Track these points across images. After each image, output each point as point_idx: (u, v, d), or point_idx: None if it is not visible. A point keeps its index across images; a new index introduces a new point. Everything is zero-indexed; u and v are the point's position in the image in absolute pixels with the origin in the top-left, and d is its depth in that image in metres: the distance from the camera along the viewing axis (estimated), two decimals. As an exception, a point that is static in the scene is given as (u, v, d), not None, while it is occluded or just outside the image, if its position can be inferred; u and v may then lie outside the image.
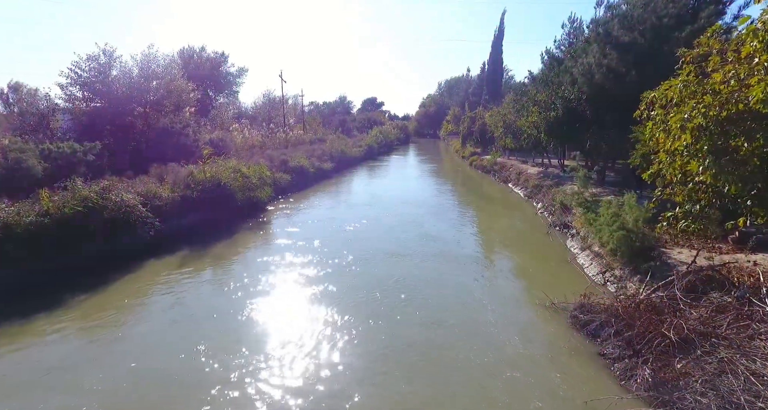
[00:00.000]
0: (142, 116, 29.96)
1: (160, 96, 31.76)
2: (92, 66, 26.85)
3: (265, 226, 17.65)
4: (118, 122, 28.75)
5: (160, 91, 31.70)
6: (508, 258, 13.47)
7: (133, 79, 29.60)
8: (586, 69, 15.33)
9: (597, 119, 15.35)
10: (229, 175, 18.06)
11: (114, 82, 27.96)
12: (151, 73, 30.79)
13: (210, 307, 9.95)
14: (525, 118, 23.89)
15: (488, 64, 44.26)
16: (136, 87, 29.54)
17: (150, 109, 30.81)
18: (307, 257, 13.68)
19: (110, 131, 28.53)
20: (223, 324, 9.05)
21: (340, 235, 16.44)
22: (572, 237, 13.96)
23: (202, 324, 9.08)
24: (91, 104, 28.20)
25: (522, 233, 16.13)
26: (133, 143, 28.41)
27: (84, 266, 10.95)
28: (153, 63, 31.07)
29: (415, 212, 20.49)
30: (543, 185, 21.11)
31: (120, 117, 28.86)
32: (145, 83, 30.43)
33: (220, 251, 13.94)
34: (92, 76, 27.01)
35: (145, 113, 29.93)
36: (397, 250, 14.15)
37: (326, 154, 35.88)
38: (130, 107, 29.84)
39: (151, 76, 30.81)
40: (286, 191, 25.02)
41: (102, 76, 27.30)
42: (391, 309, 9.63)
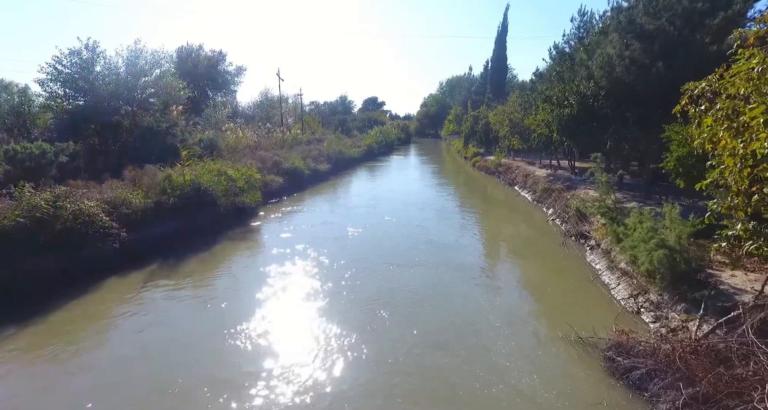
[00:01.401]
0: (130, 115, 28.42)
1: (148, 94, 30.38)
2: (74, 61, 25.33)
3: (253, 233, 16.16)
4: (104, 121, 27.36)
5: (148, 88, 30.33)
6: (520, 272, 11.91)
7: (119, 75, 28.19)
8: (605, 61, 13.78)
9: (617, 117, 13.81)
10: (212, 178, 16.57)
11: (98, 79, 26.46)
12: (139, 69, 29.34)
13: (184, 330, 8.55)
14: (533, 116, 22.33)
15: (492, 61, 42.71)
16: (122, 84, 28.13)
17: (137, 107, 29.40)
18: (300, 268, 12.41)
19: (95, 131, 27.16)
20: (201, 352, 7.72)
21: (336, 241, 15.09)
22: (591, 250, 12.41)
23: (177, 351, 7.76)
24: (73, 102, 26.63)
25: (533, 243, 14.58)
26: (119, 144, 26.96)
27: (27, 287, 9.40)
28: (141, 59, 29.60)
29: (417, 216, 19.10)
30: (553, 189, 19.54)
31: (105, 116, 27.45)
32: (133, 80, 29.01)
33: (197, 264, 12.43)
34: (74, 72, 25.49)
35: (133, 112, 28.50)
36: (399, 259, 12.91)
37: (323, 155, 34.36)
38: (116, 106, 28.44)
39: (139, 72, 29.37)
40: (280, 194, 23.55)
41: (85, 72, 25.78)
42: (394, 330, 8.52)
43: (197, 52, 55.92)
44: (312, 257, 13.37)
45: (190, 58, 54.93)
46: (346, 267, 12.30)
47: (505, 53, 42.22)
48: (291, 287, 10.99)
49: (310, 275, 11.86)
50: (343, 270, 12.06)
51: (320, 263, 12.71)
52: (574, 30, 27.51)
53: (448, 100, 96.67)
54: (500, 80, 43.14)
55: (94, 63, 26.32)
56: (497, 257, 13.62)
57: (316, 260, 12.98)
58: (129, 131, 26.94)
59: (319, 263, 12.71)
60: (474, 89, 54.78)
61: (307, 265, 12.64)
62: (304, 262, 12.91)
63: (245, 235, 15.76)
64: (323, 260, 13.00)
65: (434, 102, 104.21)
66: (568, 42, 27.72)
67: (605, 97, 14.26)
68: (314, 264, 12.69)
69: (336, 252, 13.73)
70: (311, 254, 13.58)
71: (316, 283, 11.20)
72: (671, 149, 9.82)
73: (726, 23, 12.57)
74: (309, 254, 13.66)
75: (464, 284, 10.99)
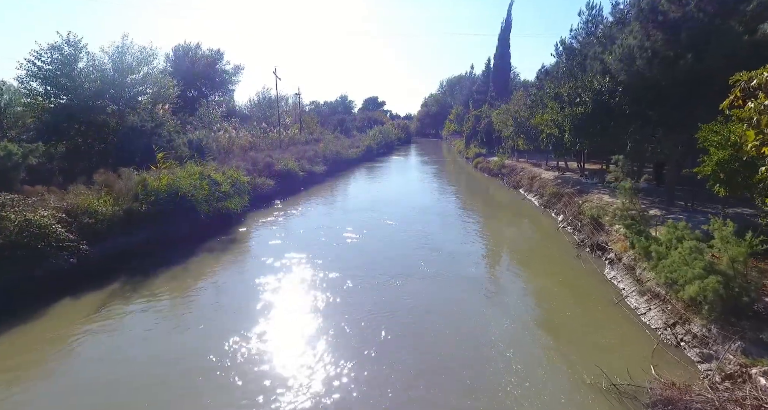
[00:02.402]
0: (117, 114, 27.06)
1: (136, 92, 29.07)
2: (55, 57, 23.94)
3: (237, 242, 14.80)
4: (88, 120, 26.08)
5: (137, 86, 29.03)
6: (533, 289, 10.49)
7: (105, 72, 26.88)
8: (624, 53, 12.40)
9: (637, 115, 12.44)
10: (194, 182, 15.21)
11: (81, 76, 25.09)
12: (126, 66, 28.02)
13: (149, 359, 7.33)
14: (540, 115, 20.95)
15: (495, 59, 41.29)
16: (108, 81, 26.82)
17: (125, 106, 28.08)
18: (290, 282, 11.21)
19: (79, 131, 25.85)
20: (173, 388, 6.62)
21: (332, 249, 13.93)
22: (611, 264, 11.02)
23: (142, 386, 6.62)
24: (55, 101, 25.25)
25: (544, 254, 13.20)
26: (104, 145, 25.66)
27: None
28: (128, 55, 28.26)
29: (418, 220, 18.00)
30: (563, 193, 18.16)
31: (90, 115, 26.17)
32: (119, 78, 27.70)
33: (168, 280, 11.08)
34: (55, 68, 24.11)
35: (120, 111, 27.20)
36: (399, 270, 11.82)
37: (319, 155, 33.02)
38: (101, 104, 27.13)
39: (126, 69, 28.05)
40: (271, 198, 22.23)
41: (67, 69, 24.39)
42: (392, 359, 7.47)
43: (194, 51, 54.73)
44: (303, 268, 12.23)
45: (187, 57, 53.77)
46: (342, 280, 11.17)
47: (508, 51, 40.86)
48: (279, 305, 9.81)
49: (300, 290, 10.71)
50: (339, 284, 10.93)
51: (313, 276, 11.57)
52: (582, 24, 26.12)
53: (449, 99, 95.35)
54: (503, 78, 41.74)
55: (77, 59, 24.94)
56: (505, 269, 12.25)
57: (308, 272, 11.88)
58: (115, 131, 25.58)
59: (311, 276, 11.58)
60: (476, 88, 53.40)
61: (298, 278, 11.48)
62: (294, 274, 11.75)
63: (228, 244, 14.41)
64: (316, 271, 11.86)
65: (435, 102, 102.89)
66: (576, 37, 26.34)
67: (623, 93, 12.88)
68: (306, 277, 11.56)
69: (331, 262, 12.59)
70: (303, 265, 12.43)
71: (308, 300, 10.07)
72: (710, 152, 8.43)
73: (762, 9, 11.21)
74: (300, 264, 12.50)
75: (471, 303, 9.82)
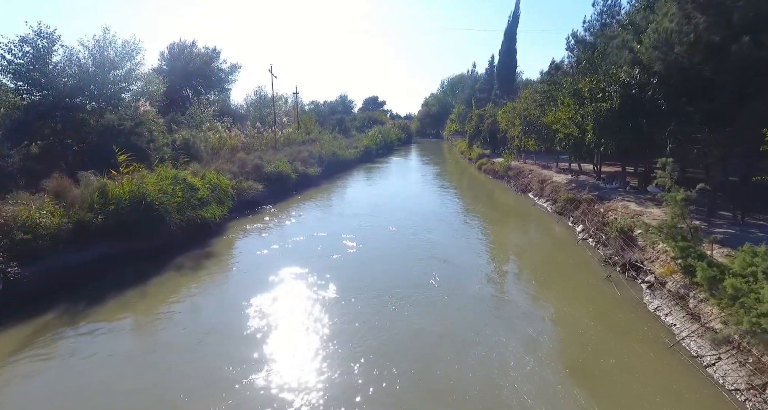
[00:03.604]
0: (97, 112, 25.29)
1: (119, 88, 27.32)
2: (26, 51, 22.10)
3: (214, 256, 12.97)
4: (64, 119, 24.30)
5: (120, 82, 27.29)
6: (559, 318, 8.60)
7: (83, 67, 25.11)
8: (660, 39, 10.59)
9: (675, 111, 10.63)
10: (166, 188, 13.42)
11: (56, 71, 23.30)
12: (108, 61, 26.23)
13: None
14: (553, 113, 19.13)
15: (500, 54, 39.43)
16: (87, 77, 25.06)
17: (106, 103, 26.34)
18: (273, 303, 9.52)
19: (55, 131, 24.09)
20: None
21: (325, 262, 12.21)
22: (651, 290, 9.18)
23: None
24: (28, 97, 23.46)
25: (567, 273, 11.35)
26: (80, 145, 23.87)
27: None
28: (110, 49, 26.47)
29: (422, 226, 16.34)
30: (580, 200, 16.33)
31: (67, 113, 24.40)
32: (101, 73, 25.91)
33: (117, 307, 9.26)
34: (27, 62, 22.29)
35: (101, 109, 25.45)
36: (404, 287, 10.26)
37: (314, 156, 31.21)
38: (80, 102, 25.38)
39: (109, 65, 26.26)
40: (259, 204, 20.41)
41: (40, 63, 22.57)
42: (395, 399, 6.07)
43: (190, 49, 53.24)
44: (291, 284, 10.57)
45: (183, 55, 52.30)
46: (339, 300, 9.55)
47: (515, 46, 38.95)
48: (257, 336, 8.08)
49: (285, 313, 9.05)
50: (335, 304, 9.33)
51: (301, 294, 9.98)
52: (596, 15, 24.34)
53: (450, 99, 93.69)
54: (509, 75, 39.90)
55: (51, 52, 23.11)
56: (523, 290, 10.37)
57: (297, 289, 10.27)
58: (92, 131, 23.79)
59: (300, 294, 9.99)
60: (478, 87, 51.62)
61: (283, 297, 9.80)
62: (279, 292, 10.06)
63: (202, 259, 12.58)
64: (306, 289, 10.25)
65: (435, 101, 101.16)
66: (589, 29, 24.54)
67: (658, 86, 11.07)
68: (293, 295, 9.93)
69: (324, 277, 10.92)
70: (290, 281, 10.75)
71: (294, 326, 8.44)
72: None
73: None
74: (287, 280, 10.82)
75: (486, 333, 8.17)
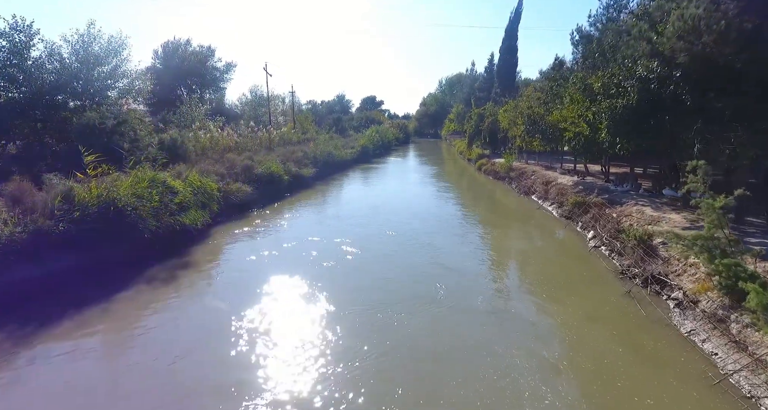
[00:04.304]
0: (80, 111, 24.21)
1: (104, 86, 26.18)
2: (2, 45, 20.94)
3: (192, 266, 11.83)
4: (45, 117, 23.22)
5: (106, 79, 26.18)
6: (579, 340, 7.46)
7: (66, 63, 23.98)
8: (686, 28, 9.54)
9: (703, 108, 9.58)
10: (141, 192, 12.29)
11: (36, 67, 22.18)
12: (93, 57, 25.10)
13: None
14: (558, 111, 18.07)
15: (501, 52, 38.35)
16: (70, 74, 23.93)
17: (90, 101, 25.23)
18: (257, 319, 8.51)
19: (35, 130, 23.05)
20: None
21: (317, 271, 11.25)
22: (680, 309, 8.09)
23: None
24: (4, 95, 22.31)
25: (581, 285, 10.25)
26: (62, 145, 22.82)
27: None
28: (95, 45, 25.34)
29: (422, 230, 15.45)
30: (589, 204, 15.26)
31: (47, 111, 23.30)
32: (85, 70, 24.77)
33: (77, 325, 8.17)
34: (4, 58, 21.15)
35: (83, 107, 24.34)
36: (406, 298, 9.37)
37: (309, 157, 30.09)
38: (62, 99, 24.26)
39: (94, 61, 25.13)
40: (248, 207, 19.31)
41: (18, 58, 21.43)
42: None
43: (184, 48, 52.29)
44: (280, 296, 9.59)
45: (177, 54, 51.31)
46: (330, 316, 8.62)
47: (516, 43, 37.87)
48: (239, 358, 7.14)
49: (272, 331, 8.05)
50: (325, 322, 8.39)
51: (291, 308, 9.06)
52: (601, 9, 23.35)
53: (448, 99, 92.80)
54: (510, 74, 38.83)
55: (29, 47, 21.94)
56: (536, 305, 9.24)
57: (286, 302, 9.33)
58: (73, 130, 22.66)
59: (289, 308, 9.06)
60: (478, 85, 50.57)
61: (271, 312, 8.82)
62: (266, 306, 9.07)
63: (179, 270, 11.44)
64: (297, 302, 9.34)
65: (434, 101, 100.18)
66: (595, 24, 23.57)
67: (682, 80, 10.01)
68: (282, 309, 9.00)
69: (316, 288, 10.00)
70: (279, 293, 9.75)
71: (282, 346, 7.50)
72: None
73: None
74: (276, 292, 9.82)
75: (497, 355, 7.20)
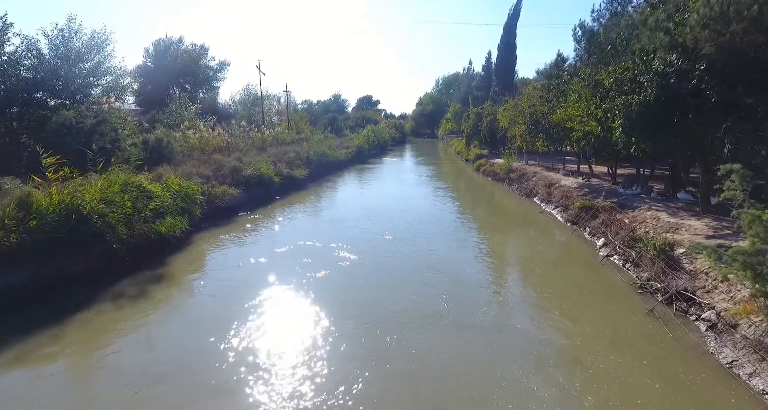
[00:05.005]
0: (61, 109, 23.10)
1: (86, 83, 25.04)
2: (-28, 40, 19.77)
3: (170, 277, 10.76)
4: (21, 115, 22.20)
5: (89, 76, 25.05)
6: (608, 372, 6.40)
7: (44, 59, 22.86)
8: (713, 16, 8.57)
9: (731, 104, 8.61)
10: (112, 197, 11.20)
11: (11, 63, 21.09)
12: (74, 53, 23.98)
13: None
14: (564, 109, 17.09)
15: (499, 50, 37.41)
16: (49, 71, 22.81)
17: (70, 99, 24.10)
18: (240, 336, 7.66)
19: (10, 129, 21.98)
20: None
21: (308, 281, 10.39)
22: (714, 332, 7.09)
23: None
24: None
25: (596, 301, 9.23)
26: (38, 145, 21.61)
27: None
28: (76, 41, 24.23)
29: (421, 234, 14.68)
30: (598, 208, 14.29)
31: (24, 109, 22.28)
32: (66, 66, 23.64)
33: (26, 351, 7.11)
34: (-26, 53, 19.99)
35: (63, 105, 23.24)
36: (407, 312, 8.58)
37: (302, 157, 29.01)
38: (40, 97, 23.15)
39: (75, 57, 24.01)
40: (237, 211, 18.26)
41: (-10, 54, 20.30)
42: None
43: (176, 46, 51.17)
44: (267, 314, 8.64)
45: (169, 52, 50.17)
46: (323, 333, 7.80)
47: (514, 41, 36.92)
48: (218, 384, 6.31)
49: (257, 351, 7.21)
50: (317, 339, 7.59)
51: (279, 323, 8.23)
52: (605, 4, 22.45)
53: (445, 98, 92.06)
54: (508, 72, 37.89)
55: (3, 42, 20.81)
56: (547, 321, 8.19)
57: (274, 317, 8.48)
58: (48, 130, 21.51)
59: (277, 323, 8.23)
60: (475, 84, 49.65)
61: (256, 329, 7.94)
62: (251, 323, 8.16)
63: (153, 283, 10.35)
64: (286, 317, 8.54)
65: (430, 100, 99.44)
66: (598, 19, 22.66)
67: (707, 73, 9.04)
68: (269, 325, 8.12)
69: (308, 300, 9.26)
70: (267, 310, 8.80)
71: (267, 368, 6.72)
72: None
73: None
74: (262, 308, 8.87)
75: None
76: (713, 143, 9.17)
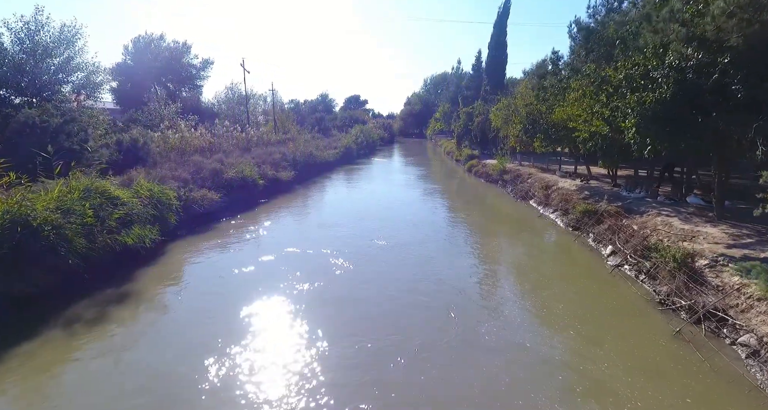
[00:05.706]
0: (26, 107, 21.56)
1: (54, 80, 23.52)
2: (-73, 34, 18.14)
3: (136, 294, 9.51)
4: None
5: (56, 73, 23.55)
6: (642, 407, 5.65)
7: (7, 54, 21.36)
8: (741, 3, 7.74)
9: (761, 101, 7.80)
10: (71, 205, 9.93)
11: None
12: (42, 48, 22.46)
13: None
14: (563, 108, 16.26)
15: (489, 48, 36.66)
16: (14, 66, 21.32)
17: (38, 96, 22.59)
18: (215, 364, 6.69)
19: (-30, 129, 20.22)
20: None
21: (296, 294, 9.34)
22: (759, 361, 6.23)
23: None
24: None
25: (615, 321, 8.31)
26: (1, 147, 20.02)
27: None
28: (44, 34, 22.70)
29: (414, 239, 13.79)
30: (602, 213, 13.47)
31: (-13, 108, 20.65)
32: (32, 62, 22.13)
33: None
34: (-71, 48, 18.37)
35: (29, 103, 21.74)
36: (403, 334, 7.68)
37: (287, 158, 27.78)
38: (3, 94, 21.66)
39: (42, 52, 22.48)
40: (218, 217, 17.02)
41: (-52, 50, 18.71)
42: None
43: (157, 43, 49.25)
44: (250, 334, 7.68)
45: (149, 50, 48.27)
46: (313, 356, 6.88)
47: (505, 39, 36.19)
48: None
49: (238, 386, 5.93)
50: (306, 364, 6.66)
51: (264, 349, 7.19)
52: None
53: (434, 98, 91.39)
54: (499, 70, 37.14)
55: (-38, 37, 19.19)
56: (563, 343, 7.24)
57: (259, 342, 7.45)
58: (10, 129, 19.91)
59: (262, 350, 7.18)
60: (465, 84, 48.87)
61: (238, 358, 6.85)
62: (232, 351, 7.09)
63: (115, 303, 9.10)
64: (270, 340, 7.55)
65: (418, 100, 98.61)
66: (594, 16, 21.93)
67: (731, 67, 8.23)
68: (253, 353, 7.05)
69: (295, 316, 8.39)
70: (249, 329, 7.86)
71: None
72: None
73: None
74: (244, 328, 7.92)
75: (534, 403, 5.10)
76: (741, 144, 8.39)
